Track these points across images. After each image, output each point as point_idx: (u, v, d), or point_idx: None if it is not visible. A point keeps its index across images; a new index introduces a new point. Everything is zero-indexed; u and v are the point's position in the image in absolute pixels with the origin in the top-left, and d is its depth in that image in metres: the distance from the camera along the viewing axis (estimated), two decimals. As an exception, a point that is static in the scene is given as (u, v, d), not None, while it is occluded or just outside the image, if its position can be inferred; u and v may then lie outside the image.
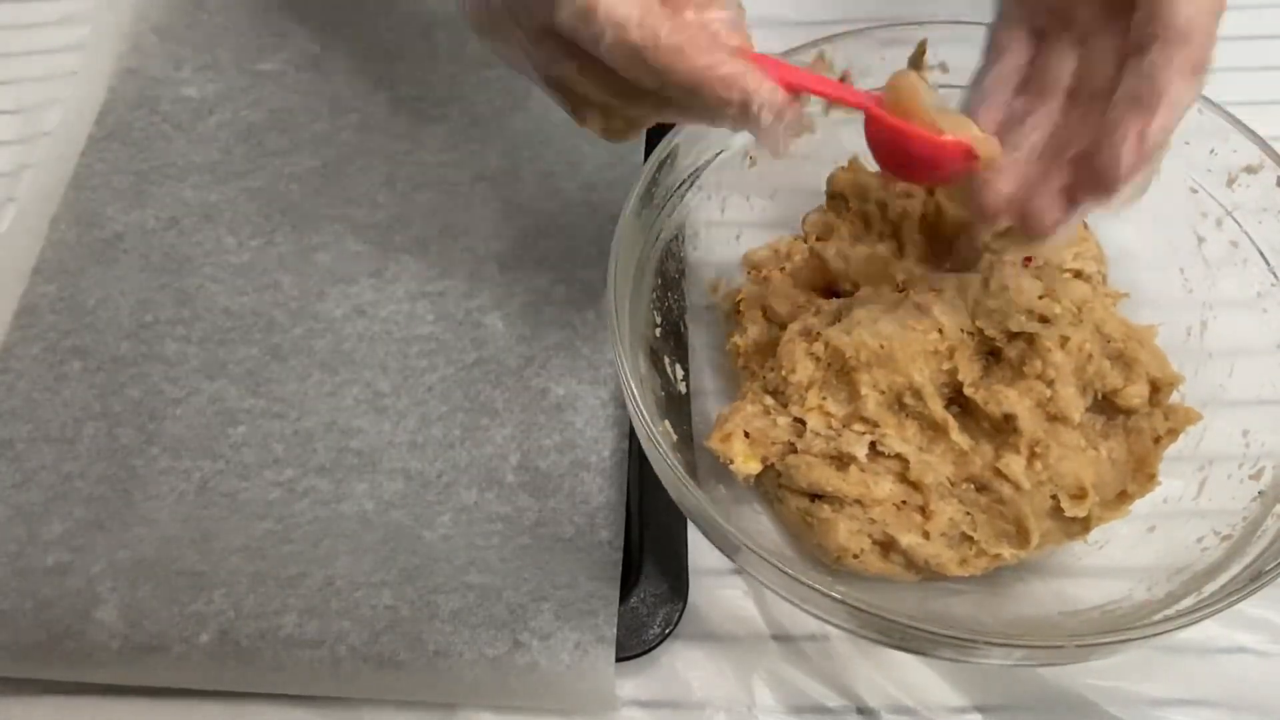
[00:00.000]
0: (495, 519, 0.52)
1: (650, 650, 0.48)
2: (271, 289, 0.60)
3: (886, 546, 0.48)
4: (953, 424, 0.47)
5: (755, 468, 0.49)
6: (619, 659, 0.47)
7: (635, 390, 0.46)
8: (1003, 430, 0.47)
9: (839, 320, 0.49)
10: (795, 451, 0.49)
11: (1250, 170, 0.51)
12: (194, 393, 0.56)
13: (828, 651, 0.49)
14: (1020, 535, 0.46)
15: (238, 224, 0.62)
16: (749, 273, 0.56)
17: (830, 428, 0.48)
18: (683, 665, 0.49)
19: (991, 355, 0.48)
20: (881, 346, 0.47)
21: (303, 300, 0.59)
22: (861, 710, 0.48)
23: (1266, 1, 0.71)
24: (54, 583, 0.49)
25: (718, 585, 0.51)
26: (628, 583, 0.50)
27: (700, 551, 0.50)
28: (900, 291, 0.51)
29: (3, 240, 0.62)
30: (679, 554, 0.50)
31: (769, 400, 0.50)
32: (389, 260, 0.61)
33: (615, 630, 0.47)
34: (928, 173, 0.45)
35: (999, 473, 0.46)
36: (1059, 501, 0.46)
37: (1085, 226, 0.54)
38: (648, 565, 0.50)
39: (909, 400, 0.48)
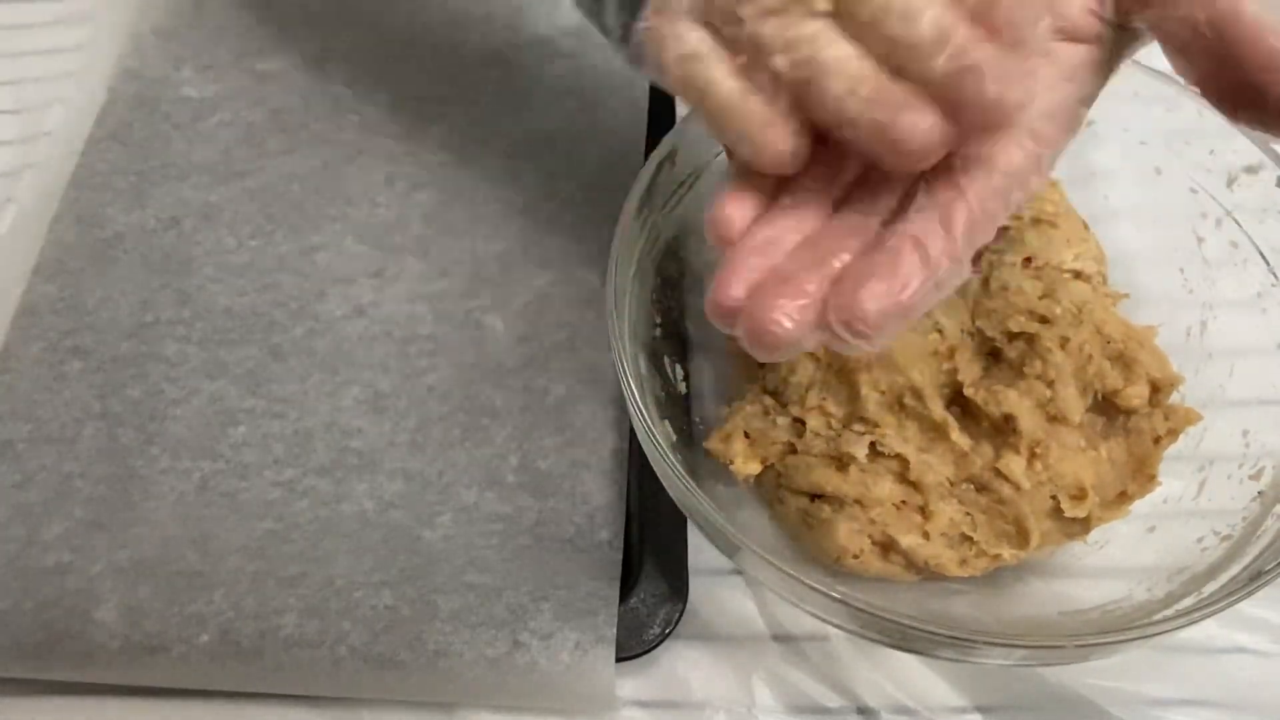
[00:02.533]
0: (495, 519, 0.52)
1: (650, 650, 0.48)
2: (272, 289, 0.60)
3: (886, 547, 0.48)
4: (953, 424, 0.47)
5: (755, 468, 0.49)
6: (619, 659, 0.47)
7: (635, 390, 0.46)
8: (1003, 431, 0.47)
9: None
10: (795, 452, 0.49)
11: (1250, 170, 0.51)
12: (194, 393, 0.56)
13: (828, 651, 0.49)
14: (1020, 535, 0.46)
15: (238, 224, 0.62)
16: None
17: (830, 428, 0.48)
18: (683, 665, 0.49)
19: (991, 356, 0.48)
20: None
21: (303, 300, 0.59)
22: (861, 710, 0.48)
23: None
24: (54, 583, 0.49)
25: (718, 585, 0.51)
26: (628, 583, 0.50)
27: (700, 551, 0.50)
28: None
29: (3, 240, 0.62)
30: (679, 554, 0.50)
31: (769, 401, 0.50)
32: (389, 260, 0.61)
33: (615, 630, 0.47)
34: None
35: (999, 473, 0.46)
36: (1059, 502, 0.46)
37: (1085, 227, 0.54)
38: (648, 565, 0.50)
39: (909, 400, 0.48)
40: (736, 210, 0.39)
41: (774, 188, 0.39)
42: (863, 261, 0.36)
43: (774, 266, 0.37)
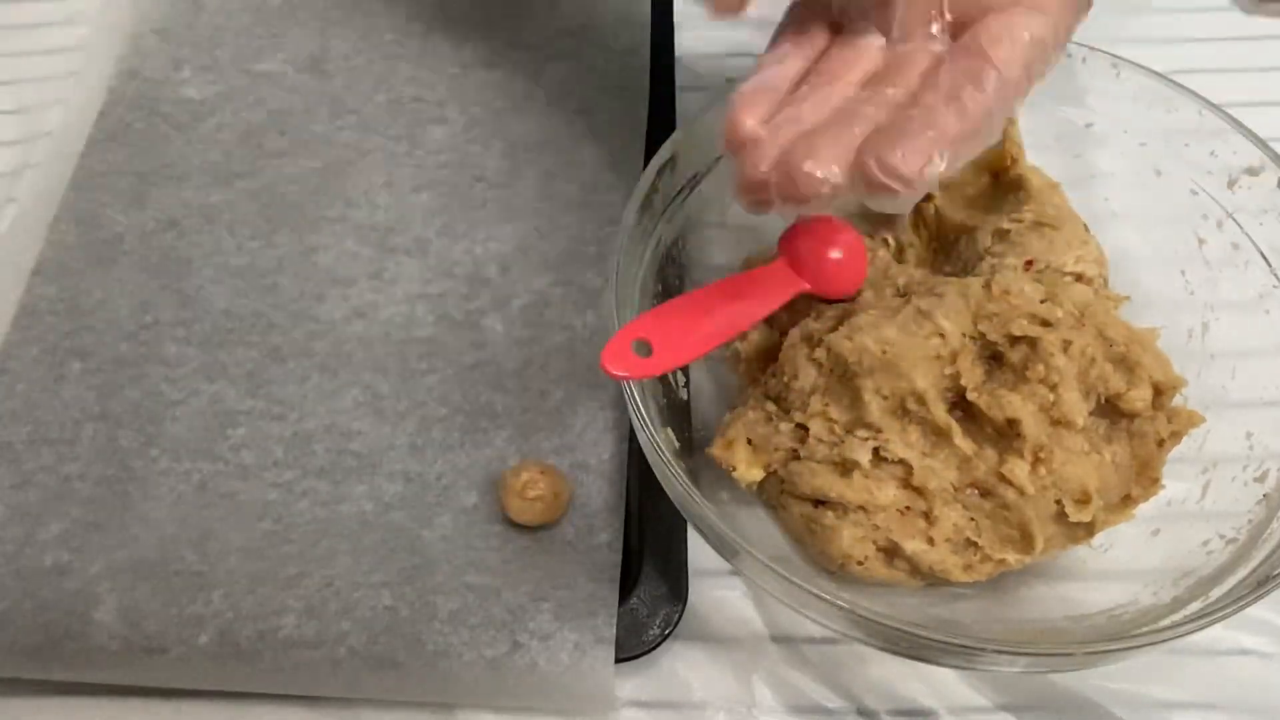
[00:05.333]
0: (494, 520, 0.52)
1: (650, 651, 0.48)
2: (271, 290, 0.60)
3: (890, 553, 0.48)
4: (956, 429, 0.47)
5: (757, 475, 0.49)
6: (619, 659, 0.47)
7: (637, 397, 0.46)
8: (1006, 435, 0.47)
9: (841, 326, 0.49)
10: (798, 458, 0.49)
11: (1251, 172, 0.51)
12: (193, 394, 0.56)
13: (828, 652, 0.49)
14: (1025, 540, 0.46)
15: (237, 225, 0.62)
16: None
17: (833, 434, 0.48)
18: (683, 666, 0.49)
19: (994, 359, 0.48)
20: (884, 352, 0.47)
21: (302, 302, 0.59)
22: (862, 711, 0.48)
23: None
24: (52, 583, 0.49)
25: (717, 586, 0.51)
26: (627, 584, 0.50)
27: (700, 553, 0.50)
28: (902, 296, 0.51)
29: (3, 240, 0.62)
30: (678, 555, 0.50)
31: (771, 407, 0.50)
32: (388, 262, 0.60)
33: (614, 631, 0.47)
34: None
35: (1003, 478, 0.46)
36: (1063, 506, 0.46)
37: (1086, 229, 0.54)
38: (647, 566, 0.50)
39: (912, 405, 0.47)
40: (749, 114, 0.40)
41: (790, 88, 0.42)
42: (898, 117, 0.38)
43: (802, 131, 0.39)
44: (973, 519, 0.47)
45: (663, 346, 0.44)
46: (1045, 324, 0.46)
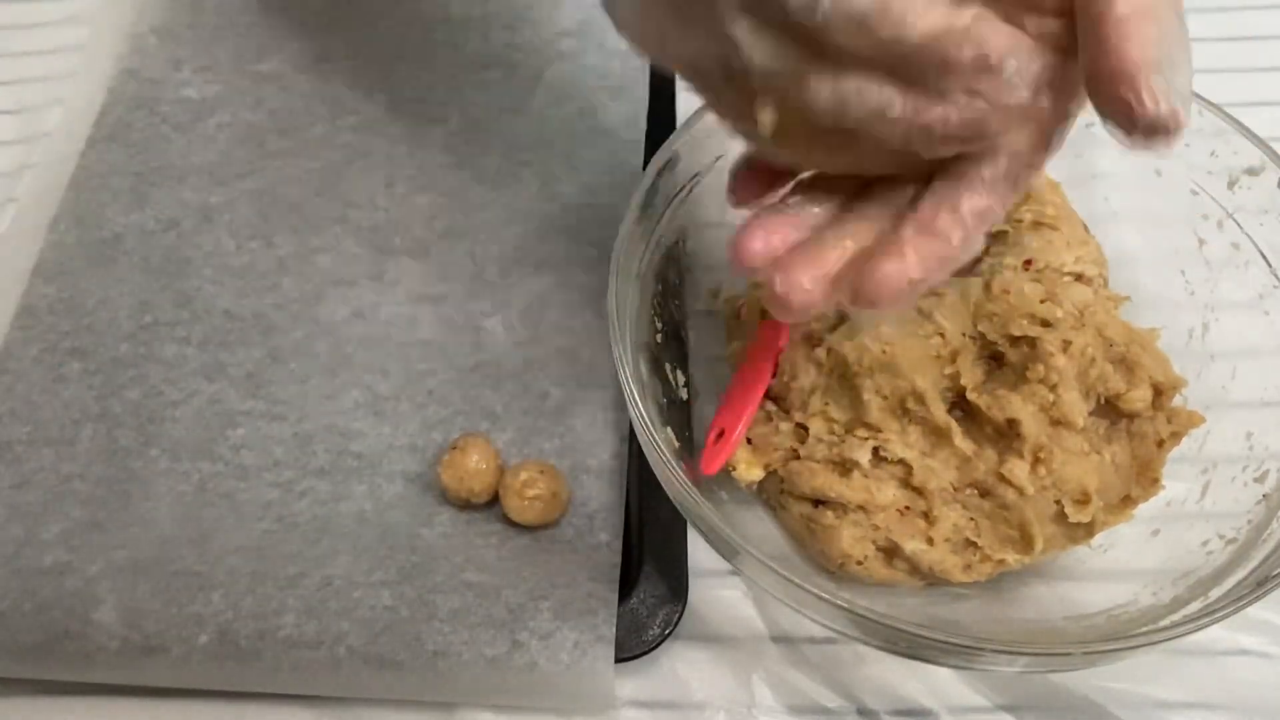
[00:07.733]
0: (494, 519, 0.52)
1: (650, 651, 0.48)
2: (271, 291, 0.60)
3: (890, 553, 0.48)
4: (956, 429, 0.47)
5: (758, 474, 0.49)
6: (619, 659, 0.47)
7: (637, 397, 0.46)
8: (1006, 435, 0.47)
9: (841, 325, 0.49)
10: (798, 458, 0.49)
11: (1251, 172, 0.51)
12: (193, 394, 0.56)
13: (828, 652, 0.49)
14: (1024, 540, 0.46)
15: (237, 226, 0.62)
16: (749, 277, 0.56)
17: (833, 433, 0.48)
18: (682, 666, 0.49)
19: (994, 360, 0.48)
20: (884, 352, 0.47)
21: (302, 303, 0.59)
22: (862, 711, 0.48)
23: (1266, 3, 0.71)
24: (52, 583, 0.49)
25: (717, 586, 0.51)
26: (627, 583, 0.50)
27: (700, 553, 0.50)
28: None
29: (2, 240, 0.62)
30: (678, 555, 0.50)
31: (771, 406, 0.50)
32: (389, 263, 0.60)
33: (614, 630, 0.47)
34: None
35: (1002, 478, 0.46)
36: (1063, 506, 0.46)
37: (1086, 229, 0.54)
38: (647, 566, 0.50)
39: (911, 405, 0.47)
40: (759, 241, 0.41)
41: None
42: (877, 242, 0.38)
43: (798, 239, 0.40)
44: (972, 519, 0.47)
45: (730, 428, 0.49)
46: (1045, 324, 0.46)
